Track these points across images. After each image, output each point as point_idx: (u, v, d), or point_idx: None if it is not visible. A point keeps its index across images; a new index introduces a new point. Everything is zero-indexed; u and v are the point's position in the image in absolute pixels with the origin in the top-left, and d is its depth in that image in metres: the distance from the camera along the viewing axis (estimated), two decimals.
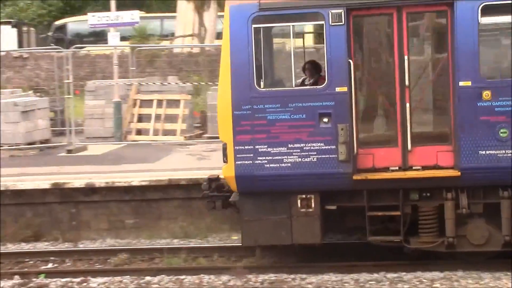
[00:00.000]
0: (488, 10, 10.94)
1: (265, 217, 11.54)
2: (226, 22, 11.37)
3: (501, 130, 10.93)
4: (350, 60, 11.04)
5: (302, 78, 12.44)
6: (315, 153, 11.18)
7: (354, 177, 11.15)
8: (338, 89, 11.10)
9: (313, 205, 11.42)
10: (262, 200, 11.49)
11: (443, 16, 11.12)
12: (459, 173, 10.97)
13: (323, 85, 11.13)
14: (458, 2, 10.92)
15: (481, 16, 10.92)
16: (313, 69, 12.43)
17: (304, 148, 11.21)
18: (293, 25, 11.24)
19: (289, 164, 11.24)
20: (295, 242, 11.57)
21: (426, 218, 11.35)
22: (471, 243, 11.31)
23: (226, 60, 11.33)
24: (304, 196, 11.37)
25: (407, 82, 11.10)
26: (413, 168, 11.21)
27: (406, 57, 11.07)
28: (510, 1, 10.89)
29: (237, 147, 11.31)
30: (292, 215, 11.47)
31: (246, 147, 11.28)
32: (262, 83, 11.28)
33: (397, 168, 11.22)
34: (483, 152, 10.93)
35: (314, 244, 11.56)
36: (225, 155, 11.42)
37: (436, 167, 11.18)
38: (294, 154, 11.24)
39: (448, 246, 11.30)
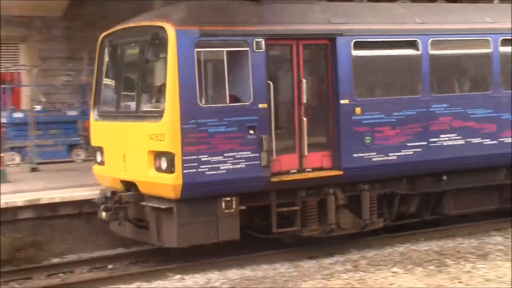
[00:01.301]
0: (358, 45, 14.21)
1: (197, 219, 13.03)
2: (172, 44, 12.68)
3: (366, 138, 14.25)
4: (269, 82, 13.33)
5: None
6: (244, 160, 13.06)
7: (272, 180, 13.40)
8: (260, 106, 13.18)
9: (234, 206, 13.31)
10: (195, 205, 12.92)
11: (328, 48, 14.05)
12: (342, 172, 14.03)
13: (250, 102, 13.18)
14: (338, 37, 13.99)
15: (353, 50, 14.18)
16: (157, 92, 13.95)
17: (236, 156, 13.03)
18: (227, 50, 13.08)
19: (224, 171, 13.02)
20: (221, 240, 13.32)
21: (312, 210, 14.11)
22: (341, 228, 14.40)
23: (174, 79, 12.64)
24: (228, 198, 13.21)
25: (304, 101, 13.78)
26: (306, 170, 13.91)
27: (303, 80, 13.77)
28: (373, 39, 14.38)
29: (185, 158, 12.65)
30: (219, 216, 13.22)
31: (191, 157, 12.65)
32: (203, 100, 12.84)
33: (295, 171, 13.80)
34: (356, 155, 14.16)
35: (235, 239, 13.47)
36: (172, 165, 12.69)
37: (321, 169, 14.04)
38: (228, 161, 12.99)
39: (329, 231, 14.21)
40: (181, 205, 12.84)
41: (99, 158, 14.46)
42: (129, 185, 13.68)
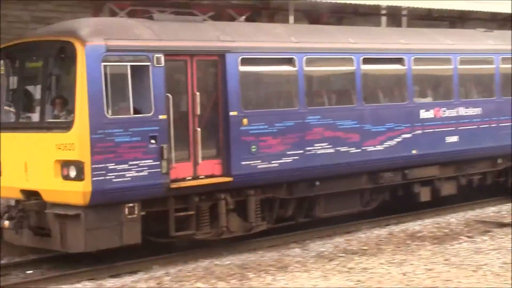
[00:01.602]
0: (245, 61, 15.31)
1: (103, 225, 13.67)
2: (81, 58, 13.27)
3: (252, 147, 15.37)
4: (168, 94, 14.19)
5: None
6: (147, 168, 13.87)
7: (171, 186, 14.25)
8: (160, 117, 14.05)
9: (136, 212, 14.05)
10: (101, 211, 13.56)
11: (218, 64, 15.06)
12: (232, 178, 15.05)
13: (151, 113, 13.96)
14: (227, 54, 15.05)
15: (241, 65, 15.27)
16: (63, 104, 14.68)
17: (140, 164, 13.81)
18: (130, 65, 13.80)
19: (129, 178, 13.74)
20: (124, 244, 14.00)
21: (204, 214, 15.04)
22: (230, 231, 15.42)
23: (83, 91, 13.25)
24: (130, 204, 13.93)
25: (198, 112, 14.72)
26: (200, 177, 14.84)
27: (197, 93, 14.71)
28: (258, 56, 15.52)
29: (94, 166, 13.29)
30: (122, 221, 13.90)
31: (100, 165, 13.33)
32: (110, 111, 13.53)
33: (190, 178, 14.70)
34: (244, 163, 15.23)
35: (137, 243, 14.18)
36: (82, 173, 13.27)
37: (213, 176, 15.01)
38: (132, 169, 13.73)
39: (220, 234, 15.19)
40: (88, 211, 13.44)
41: None
42: (30, 194, 14.14)
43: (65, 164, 13.46)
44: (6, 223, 13.90)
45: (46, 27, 15.23)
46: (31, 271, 14.66)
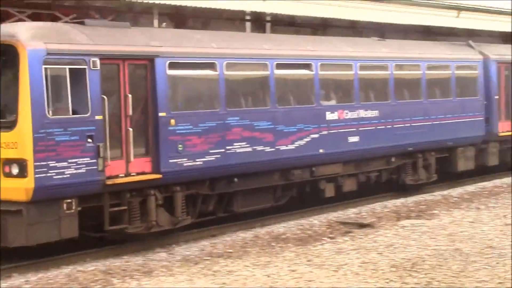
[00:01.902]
0: (172, 65, 16.21)
1: (43, 220, 14.29)
2: (23, 61, 13.89)
3: (179, 146, 16.28)
4: (104, 96, 14.94)
5: None
6: (84, 165, 14.61)
7: (107, 182, 15.01)
8: (97, 117, 14.80)
9: (73, 207, 14.73)
10: (41, 207, 14.20)
11: (148, 68, 15.90)
12: (161, 175, 15.93)
13: (88, 114, 14.69)
14: (156, 58, 15.93)
15: (168, 69, 16.16)
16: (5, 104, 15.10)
17: (78, 162, 14.53)
18: (69, 68, 14.49)
19: (69, 175, 14.43)
20: (62, 237, 14.65)
21: (135, 209, 15.85)
22: (159, 225, 16.26)
23: (26, 93, 13.88)
24: (68, 200, 14.61)
25: (130, 113, 15.53)
26: (131, 174, 15.63)
27: (129, 95, 15.51)
28: (183, 61, 16.45)
29: (36, 163, 13.93)
30: (61, 216, 14.56)
31: (42, 163, 13.98)
32: (51, 112, 14.19)
33: (123, 175, 15.48)
34: (172, 161, 16.13)
35: (74, 237, 14.85)
36: (25, 170, 13.88)
37: (144, 173, 15.83)
38: (71, 167, 14.44)
39: (150, 228, 16.02)
40: (30, 207, 14.06)
41: None
42: None
43: (7, 162, 14.06)
44: None
45: None
46: None
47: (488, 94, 25.56)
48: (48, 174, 14.09)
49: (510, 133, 26.33)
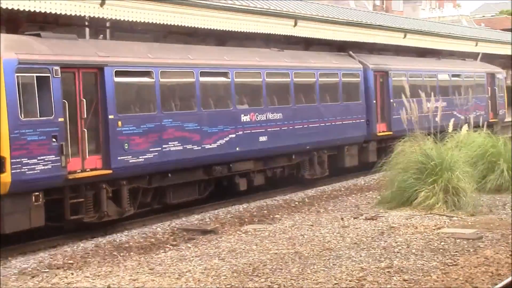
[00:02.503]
0: (118, 73, 18.23)
1: (17, 210, 16.02)
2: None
3: (125, 144, 18.29)
4: (65, 101, 16.81)
5: None
6: (50, 162, 16.46)
7: (68, 177, 16.88)
8: (59, 119, 16.68)
9: (40, 199, 16.51)
10: (15, 199, 15.93)
11: (98, 75, 17.85)
12: (111, 171, 17.90)
13: (53, 116, 16.51)
14: (105, 67, 17.90)
15: (115, 77, 18.16)
16: None
17: (46, 159, 16.35)
18: (36, 75, 16.29)
19: (38, 171, 16.21)
20: (32, 226, 16.39)
21: (89, 201, 17.75)
22: (109, 215, 18.20)
23: (2, 98, 15.64)
24: (37, 193, 16.38)
25: (84, 116, 17.43)
26: (87, 170, 17.52)
27: (83, 100, 17.41)
28: (126, 69, 18.46)
29: (13, 160, 15.68)
30: (31, 207, 16.32)
31: (17, 160, 15.73)
32: (23, 115, 15.96)
33: (80, 170, 17.34)
34: (120, 158, 18.11)
35: (41, 225, 16.60)
36: (3, 167, 15.57)
37: (96, 169, 17.75)
38: (40, 163, 16.24)
39: (101, 217, 17.95)
40: (6, 199, 15.84)
41: None
42: None
43: None
44: None
45: None
46: None
47: (367, 99, 28.69)
48: (22, 170, 15.90)
49: (386, 133, 29.53)
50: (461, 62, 38.55)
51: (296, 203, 22.33)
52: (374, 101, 28.96)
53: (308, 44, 30.05)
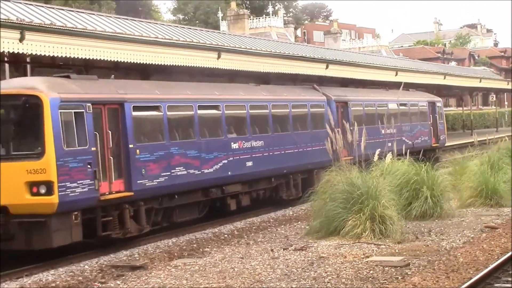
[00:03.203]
0: (135, 108, 21.27)
1: (62, 227, 18.75)
2: (47, 107, 18.52)
3: (143, 170, 21.29)
4: (96, 132, 19.81)
5: None
6: (87, 185, 19.32)
7: (100, 198, 19.81)
8: (93, 149, 19.61)
9: (79, 218, 19.35)
10: (61, 217, 18.66)
11: (119, 110, 20.82)
12: (132, 193, 20.90)
13: (87, 146, 19.47)
14: (125, 103, 20.94)
15: (133, 111, 21.21)
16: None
17: (83, 183, 19.23)
18: (74, 111, 19.19)
19: (78, 193, 19.12)
20: (73, 241, 19.23)
21: (115, 219, 20.66)
22: (131, 232, 21.11)
23: (49, 130, 18.54)
24: (76, 212, 19.25)
25: (110, 146, 20.41)
26: (113, 192, 20.45)
27: (109, 132, 20.39)
28: (141, 104, 21.53)
29: (59, 184, 18.39)
30: (72, 225, 19.16)
31: (62, 184, 18.47)
32: (65, 145, 18.84)
33: (107, 193, 20.26)
34: (140, 181, 21.12)
35: (78, 240, 19.46)
36: (52, 190, 18.31)
37: (120, 191, 20.70)
38: (80, 187, 19.15)
39: (125, 234, 20.88)
40: (52, 219, 18.60)
41: None
42: None
43: (35, 184, 18.46)
44: None
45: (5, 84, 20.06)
46: None
47: (330, 126, 32.11)
48: (66, 192, 18.72)
49: (349, 158, 32.89)
50: (406, 92, 42.36)
51: (226, 235, 22.74)
52: (338, 129, 32.30)
53: (233, 76, 31.80)
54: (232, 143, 25.35)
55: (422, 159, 23.84)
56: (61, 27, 22.72)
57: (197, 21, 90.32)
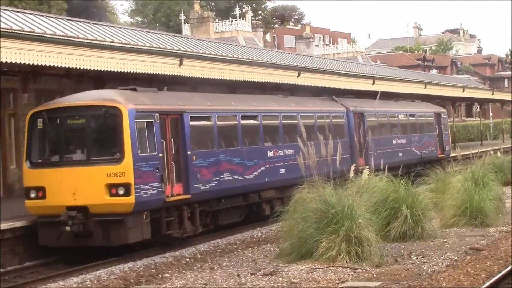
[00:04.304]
0: (192, 118, 25.48)
1: (136, 225, 22.58)
2: (125, 117, 22.55)
3: (198, 175, 25.57)
4: (163, 140, 24.02)
5: None
6: (156, 188, 23.24)
7: (166, 200, 23.91)
8: (160, 155, 23.45)
9: (148, 218, 23.07)
10: (135, 217, 22.51)
11: (181, 120, 24.98)
12: (190, 196, 25.05)
13: (156, 152, 23.53)
14: (184, 114, 25.15)
15: (190, 121, 25.46)
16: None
17: (153, 185, 23.27)
18: (146, 121, 23.43)
19: (149, 194, 23.18)
20: (144, 238, 23.27)
21: (176, 220, 24.78)
22: (187, 232, 25.34)
23: (127, 135, 22.56)
24: (146, 212, 23.16)
25: (172, 152, 24.51)
26: (175, 195, 24.56)
27: (171, 139, 24.47)
28: (201, 114, 25.85)
29: (136, 186, 22.23)
30: (143, 224, 22.94)
31: (138, 186, 22.40)
32: (139, 151, 22.58)
33: (170, 195, 24.30)
34: (196, 185, 25.25)
35: (148, 239, 23.54)
36: (130, 191, 22.23)
37: (179, 194, 24.87)
38: (150, 189, 23.09)
39: (183, 233, 24.97)
40: (128, 217, 22.34)
41: (33, 195, 22.90)
42: (75, 209, 22.50)
43: (113, 186, 22.26)
44: (68, 228, 22.32)
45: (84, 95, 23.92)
46: None
47: (351, 136, 36.53)
48: (140, 193, 22.56)
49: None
50: (413, 103, 46.88)
51: (188, 259, 22.57)
52: (355, 139, 36.71)
53: (197, 84, 33.17)
54: (268, 151, 29.72)
55: (401, 174, 24.66)
56: (6, 30, 22.90)
57: (157, 24, 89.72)
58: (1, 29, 22.57)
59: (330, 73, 41.37)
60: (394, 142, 39.55)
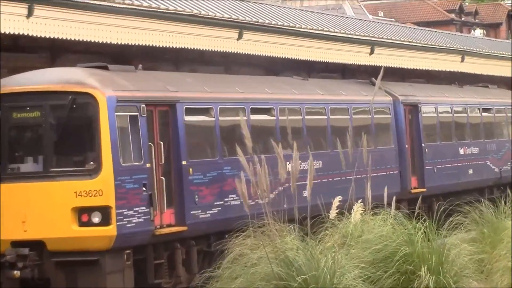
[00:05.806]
0: (188, 111, 27.79)
1: (115, 269, 24.50)
2: (103, 108, 24.59)
3: (196, 197, 27.54)
4: (150, 143, 26.19)
5: None
6: (142, 214, 25.38)
7: (156, 233, 26.11)
8: (147, 165, 25.82)
9: (131, 259, 25.16)
10: (114, 256, 24.50)
11: (172, 114, 27.28)
12: (186, 227, 27.25)
13: (142, 161, 25.69)
14: (177, 104, 27.39)
15: (186, 116, 27.68)
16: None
17: (139, 210, 25.29)
18: (129, 115, 25.61)
19: (134, 224, 25.19)
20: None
21: (164, 263, 26.93)
22: (181, 281, 27.48)
23: (106, 136, 24.58)
24: (128, 251, 25.20)
25: (162, 161, 26.70)
26: (164, 226, 26.60)
27: (160, 143, 26.69)
28: (201, 106, 28.10)
29: (118, 211, 24.55)
30: (124, 267, 24.95)
31: (120, 210, 24.81)
32: (122, 159, 25.16)
33: (158, 226, 26.36)
34: (194, 212, 27.42)
35: None
36: (109, 218, 24.23)
37: (170, 225, 26.92)
38: (136, 216, 25.17)
39: (176, 284, 27.20)
40: (106, 257, 24.24)
41: None
42: (26, 245, 24.02)
43: (84, 210, 24.22)
44: (17, 272, 23.64)
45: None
46: None
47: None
48: (123, 222, 24.65)
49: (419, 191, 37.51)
50: (486, 90, 47.05)
51: None
52: (406, 146, 37.94)
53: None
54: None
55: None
56: None
57: None
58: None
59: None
60: (461, 151, 41.11)
